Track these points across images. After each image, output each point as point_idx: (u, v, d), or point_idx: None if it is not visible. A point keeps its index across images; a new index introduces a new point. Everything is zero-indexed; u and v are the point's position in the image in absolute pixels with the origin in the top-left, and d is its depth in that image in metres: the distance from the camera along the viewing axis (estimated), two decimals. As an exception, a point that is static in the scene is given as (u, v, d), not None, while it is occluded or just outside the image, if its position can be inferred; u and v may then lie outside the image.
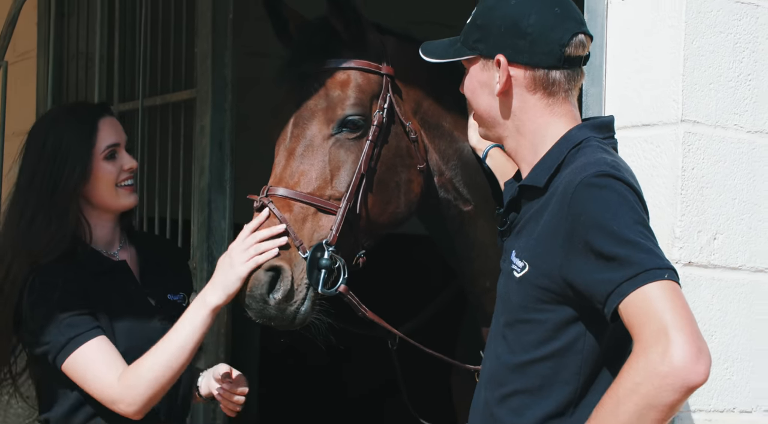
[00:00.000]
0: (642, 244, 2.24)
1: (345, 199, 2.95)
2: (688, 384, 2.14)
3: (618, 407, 2.19)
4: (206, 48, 4.44)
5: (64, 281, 2.99)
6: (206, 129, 4.42)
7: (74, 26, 5.28)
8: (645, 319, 2.18)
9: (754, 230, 2.87)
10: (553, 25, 2.47)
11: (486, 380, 2.56)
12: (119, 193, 3.13)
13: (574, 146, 2.44)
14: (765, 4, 2.93)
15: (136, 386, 2.91)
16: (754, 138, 2.88)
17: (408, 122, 3.10)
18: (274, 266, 2.85)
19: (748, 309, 2.85)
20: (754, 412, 2.85)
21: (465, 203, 3.25)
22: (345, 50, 3.08)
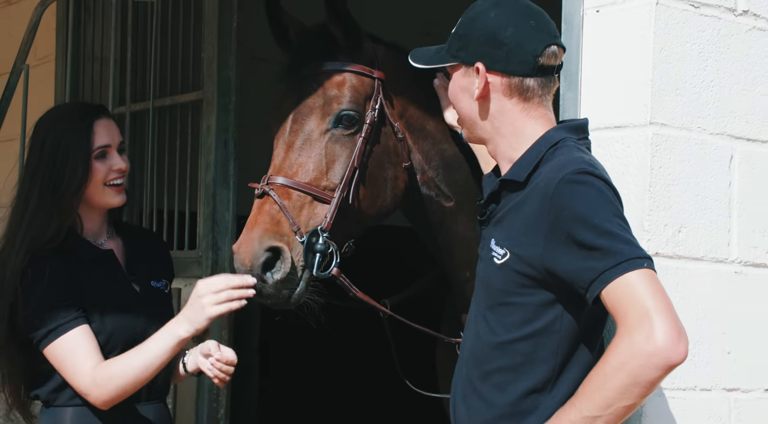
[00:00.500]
0: (621, 235, 2.25)
1: (339, 190, 2.93)
2: (670, 363, 2.16)
3: (605, 383, 2.20)
4: (212, 53, 4.45)
5: (52, 271, 2.97)
6: (212, 128, 4.43)
7: (90, 32, 5.26)
8: (628, 304, 2.19)
9: (715, 223, 2.86)
10: (528, 37, 2.48)
11: (467, 357, 2.56)
12: (106, 192, 3.09)
13: (552, 146, 2.45)
14: (726, 17, 2.91)
15: (104, 385, 2.92)
16: (715, 139, 2.87)
17: (396, 123, 3.09)
18: (273, 246, 2.82)
19: (709, 296, 2.83)
20: (713, 390, 2.84)
21: (446, 200, 3.22)
22: (341, 55, 3.07)
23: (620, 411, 2.21)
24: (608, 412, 2.20)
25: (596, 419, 2.21)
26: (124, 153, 3.16)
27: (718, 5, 2.88)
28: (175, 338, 2.90)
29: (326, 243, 2.86)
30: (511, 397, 2.40)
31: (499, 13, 2.48)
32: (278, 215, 2.87)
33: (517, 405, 2.40)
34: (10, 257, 3.02)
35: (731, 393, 2.86)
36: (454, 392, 2.59)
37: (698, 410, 2.79)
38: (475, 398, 2.47)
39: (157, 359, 2.92)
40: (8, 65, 5.80)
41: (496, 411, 2.42)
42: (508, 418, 2.41)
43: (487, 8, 2.51)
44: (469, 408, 2.49)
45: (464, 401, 2.51)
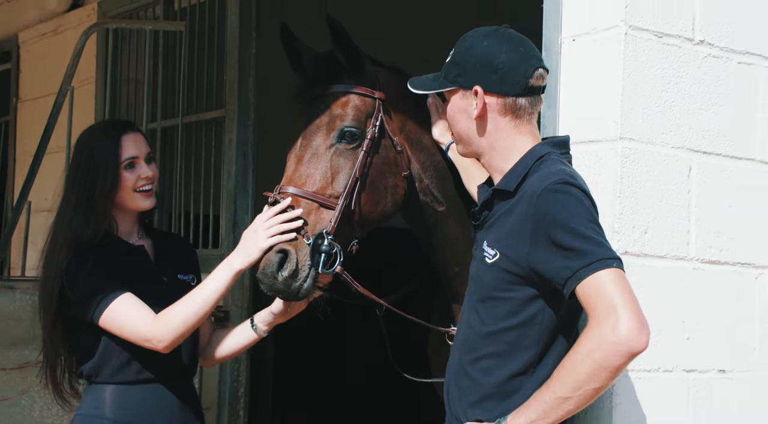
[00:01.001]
0: (595, 238, 2.26)
1: (342, 198, 2.93)
2: (632, 351, 2.18)
3: (575, 368, 2.21)
4: (233, 76, 4.46)
5: (94, 259, 3.00)
6: (233, 142, 4.44)
7: (126, 58, 5.28)
8: (598, 299, 2.20)
9: (676, 226, 2.87)
10: (519, 62, 2.49)
11: (460, 345, 2.56)
12: (136, 197, 3.11)
13: (538, 159, 2.46)
14: (685, 46, 2.93)
15: (167, 325, 2.91)
16: (676, 152, 2.88)
17: (395, 137, 3.08)
18: (283, 249, 2.84)
19: (671, 289, 2.85)
20: (674, 371, 2.85)
21: (439, 205, 3.23)
22: (346, 78, 3.07)
23: (589, 393, 2.23)
24: (578, 393, 2.22)
25: (568, 399, 2.23)
26: (152, 162, 3.17)
27: (678, 35, 2.89)
28: (232, 271, 2.89)
29: (331, 244, 2.86)
30: (498, 379, 2.42)
31: (492, 42, 2.49)
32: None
33: (503, 386, 2.41)
34: (53, 255, 3.05)
35: (690, 374, 2.87)
36: (448, 376, 2.60)
37: (662, 389, 2.80)
38: (466, 381, 2.48)
39: (213, 293, 2.91)
40: (55, 86, 5.87)
41: (484, 391, 2.44)
42: (495, 397, 2.42)
43: (480, 38, 2.52)
44: (461, 389, 2.50)
45: (456, 383, 2.53)
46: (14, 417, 4.07)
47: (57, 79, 5.85)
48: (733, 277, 3.00)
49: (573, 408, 2.24)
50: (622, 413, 2.71)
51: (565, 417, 2.27)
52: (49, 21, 6.20)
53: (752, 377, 3.03)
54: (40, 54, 6.34)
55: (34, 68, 6.44)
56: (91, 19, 5.69)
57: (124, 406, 3.02)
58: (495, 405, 2.42)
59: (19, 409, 4.07)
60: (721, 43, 3.00)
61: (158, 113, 4.90)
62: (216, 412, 4.36)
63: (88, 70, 5.40)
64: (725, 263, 2.98)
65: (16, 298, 4.05)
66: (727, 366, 2.97)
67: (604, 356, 2.18)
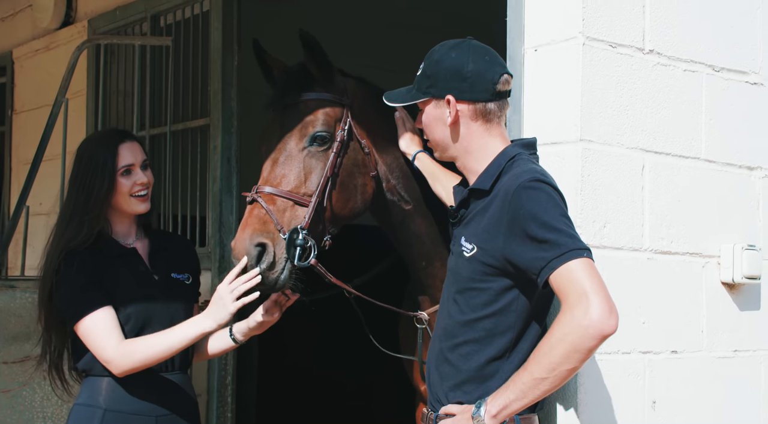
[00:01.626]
0: (566, 231, 2.24)
1: (315, 196, 2.91)
2: (603, 333, 2.15)
3: (551, 351, 2.18)
4: (217, 87, 4.40)
5: (80, 262, 2.93)
6: (218, 148, 4.38)
7: (114, 71, 5.17)
8: (570, 286, 2.18)
9: (632, 220, 2.85)
10: (486, 70, 2.46)
11: (440, 333, 2.52)
12: (132, 202, 3.03)
13: (510, 159, 2.43)
14: (637, 55, 2.91)
15: (126, 357, 2.86)
16: (631, 153, 2.86)
17: (363, 140, 3.06)
18: (261, 242, 2.81)
19: (628, 277, 2.83)
20: (632, 353, 2.84)
21: (406, 203, 3.19)
22: (316, 87, 3.05)
23: (564, 373, 2.20)
24: (553, 374, 2.19)
25: (544, 380, 2.20)
26: (147, 169, 3.10)
27: (630, 45, 2.87)
28: (200, 330, 2.86)
29: (305, 239, 2.83)
30: (476, 364, 2.39)
31: (458, 53, 2.46)
32: (265, 217, 2.84)
33: (481, 370, 2.38)
34: (50, 254, 2.98)
35: (646, 355, 2.85)
36: (429, 362, 2.55)
37: (621, 369, 2.78)
38: (446, 366, 2.44)
39: (179, 343, 2.87)
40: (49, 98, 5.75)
41: (464, 375, 2.40)
42: (474, 381, 2.39)
43: (447, 51, 2.49)
44: (441, 374, 2.46)
45: (437, 369, 2.48)
46: (16, 408, 3.98)
47: (49, 92, 5.76)
48: (683, 266, 2.99)
49: (549, 388, 2.21)
50: (586, 392, 2.69)
51: (541, 397, 2.24)
52: (41, 38, 6.08)
53: (700, 357, 3.02)
54: (34, 69, 6.23)
55: (28, 82, 6.32)
56: (82, 35, 5.58)
57: (119, 396, 2.94)
58: (474, 388, 2.38)
59: (20, 400, 3.99)
60: (668, 53, 2.99)
61: (146, 122, 4.80)
62: (205, 399, 4.29)
63: (78, 83, 5.29)
64: (675, 253, 2.96)
65: (17, 296, 3.97)
66: (678, 347, 2.95)
67: (577, 338, 2.15)
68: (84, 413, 2.95)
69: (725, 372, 3.08)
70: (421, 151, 3.07)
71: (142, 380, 2.95)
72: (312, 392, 6.80)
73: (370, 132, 3.11)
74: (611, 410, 2.75)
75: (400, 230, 3.22)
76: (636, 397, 2.82)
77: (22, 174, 6.19)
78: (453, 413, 2.39)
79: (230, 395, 4.27)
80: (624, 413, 2.78)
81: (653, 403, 2.86)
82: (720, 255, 3.07)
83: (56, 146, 4.52)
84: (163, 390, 3.00)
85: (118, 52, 5.16)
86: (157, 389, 2.98)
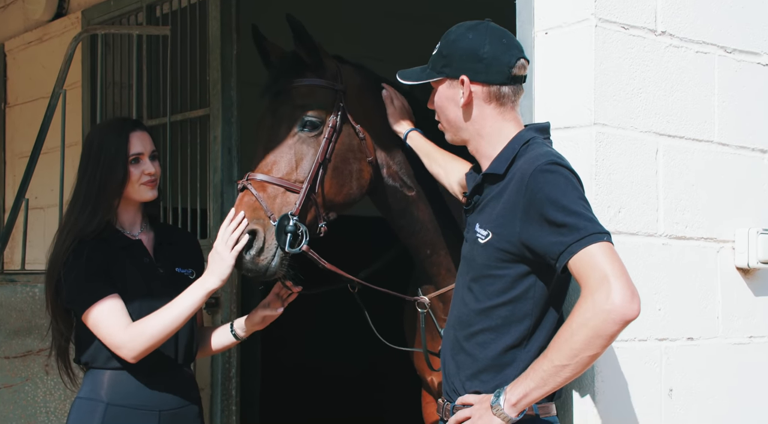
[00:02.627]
0: (584, 214, 2.20)
1: (306, 182, 2.88)
2: (626, 318, 2.11)
3: (572, 337, 2.14)
4: (216, 76, 4.33)
5: (89, 252, 2.89)
6: (218, 138, 4.31)
7: (110, 63, 5.09)
8: (590, 271, 2.13)
9: (646, 204, 2.82)
10: (502, 52, 2.41)
11: (455, 322, 2.48)
12: (141, 189, 3.00)
13: (525, 143, 2.39)
14: (649, 37, 2.87)
15: (138, 337, 2.81)
16: (644, 136, 2.83)
17: (357, 125, 3.02)
18: (252, 229, 2.80)
19: (644, 262, 2.80)
20: (648, 340, 2.81)
21: (409, 190, 3.15)
22: (308, 73, 3.02)
23: (585, 360, 2.16)
24: (575, 361, 2.15)
25: (565, 367, 2.16)
26: (155, 160, 3.07)
27: (643, 27, 2.84)
28: (205, 290, 2.81)
29: (296, 225, 2.80)
30: (493, 352, 2.35)
31: (476, 35, 2.42)
32: (255, 204, 2.83)
33: (498, 359, 2.34)
34: (61, 243, 2.94)
35: (662, 342, 2.82)
36: (444, 351, 2.52)
37: (638, 356, 2.75)
38: (463, 355, 2.40)
39: (188, 309, 2.81)
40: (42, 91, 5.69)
41: (480, 364, 2.36)
42: (491, 370, 2.35)
43: (464, 32, 2.45)
44: (458, 363, 2.42)
45: (453, 359, 2.44)
46: (19, 403, 3.93)
47: (43, 85, 5.70)
48: (698, 251, 2.96)
49: (570, 375, 2.17)
50: (603, 381, 2.66)
51: (561, 384, 2.21)
52: (34, 30, 6.01)
53: (716, 344, 3.00)
54: (27, 61, 6.15)
55: (20, 75, 6.25)
56: (75, 27, 5.51)
57: (120, 390, 2.90)
58: (491, 377, 2.35)
59: (23, 395, 3.94)
60: (680, 34, 2.95)
61: (144, 113, 4.74)
62: (209, 393, 4.24)
63: (73, 75, 5.21)
64: (690, 239, 2.93)
65: (18, 290, 3.91)
66: (694, 334, 2.92)
67: (599, 323, 2.11)
68: (86, 406, 2.91)
69: (740, 359, 3.05)
70: (412, 130, 3.04)
71: (145, 374, 2.91)
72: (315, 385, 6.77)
73: (367, 117, 3.08)
74: (628, 398, 2.72)
75: (403, 217, 3.18)
76: (653, 385, 2.79)
77: (17, 167, 6.13)
78: (470, 403, 2.35)
79: (234, 388, 4.22)
80: (641, 401, 2.75)
81: (670, 391, 2.83)
82: (734, 240, 3.04)
83: (51, 139, 4.45)
84: (167, 385, 2.96)
85: (114, 43, 5.09)
86: (160, 384, 2.94)
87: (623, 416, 2.71)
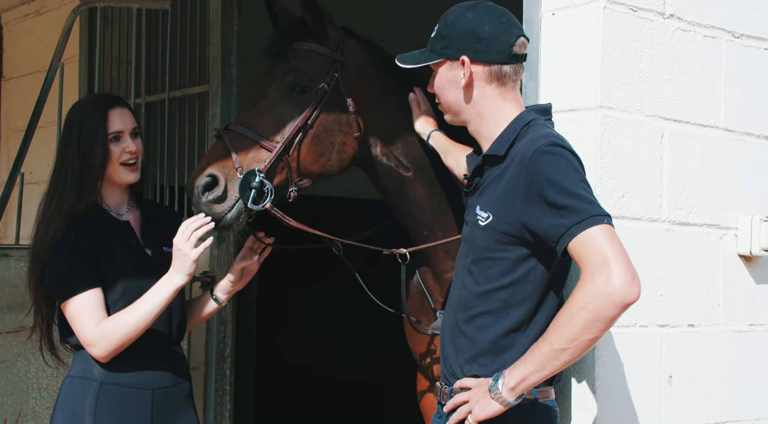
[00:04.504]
0: (585, 196, 2.18)
1: (281, 143, 2.88)
2: (625, 301, 2.09)
3: (571, 320, 2.12)
4: (216, 53, 4.28)
5: (75, 239, 2.84)
6: (217, 115, 4.26)
7: (108, 37, 5.04)
8: (591, 253, 2.11)
9: (650, 189, 2.80)
10: (502, 31, 2.39)
11: (454, 305, 2.46)
12: (121, 171, 2.94)
13: (525, 124, 2.36)
14: (657, 20, 2.84)
15: (108, 337, 2.78)
16: (650, 120, 2.81)
17: (349, 99, 3.00)
18: (212, 174, 2.80)
19: (647, 247, 2.78)
20: (649, 326, 2.80)
21: (405, 170, 3.13)
22: (310, 39, 3.02)
23: (584, 344, 2.14)
24: (574, 344, 2.14)
25: (564, 350, 2.15)
26: (137, 137, 3.01)
27: (651, 9, 2.81)
28: (173, 287, 2.79)
29: (262, 182, 2.80)
30: (492, 336, 2.33)
31: (475, 14, 2.40)
32: (226, 153, 2.84)
33: (497, 343, 2.33)
34: (43, 227, 2.89)
35: (663, 328, 2.81)
36: (443, 335, 2.50)
37: (638, 342, 2.74)
38: (462, 338, 2.39)
39: (156, 306, 2.79)
40: (39, 65, 5.64)
41: (479, 348, 2.35)
42: (490, 353, 2.34)
43: (463, 12, 2.42)
44: (456, 347, 2.41)
45: (452, 342, 2.43)
46: (11, 379, 3.91)
47: (40, 59, 5.65)
48: (701, 238, 2.94)
49: (568, 359, 2.16)
50: (604, 366, 2.65)
51: (560, 368, 2.19)
52: (31, 2, 5.95)
53: (717, 331, 2.99)
54: (24, 34, 6.09)
55: (17, 48, 6.19)
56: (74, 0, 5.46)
57: (114, 369, 2.86)
58: (490, 361, 2.33)
59: (15, 371, 3.92)
60: (688, 17, 2.92)
61: (142, 89, 4.70)
62: (203, 371, 4.23)
63: (71, 49, 5.16)
64: (693, 225, 2.91)
65: (11, 265, 3.89)
66: (695, 321, 2.91)
67: (598, 307, 2.09)
68: (78, 385, 2.88)
69: (741, 346, 3.04)
70: (435, 130, 3.03)
71: (138, 352, 2.87)
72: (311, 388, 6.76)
73: (364, 94, 3.07)
74: (628, 384, 2.71)
75: (399, 196, 3.17)
76: (653, 371, 2.78)
77: (12, 142, 6.09)
78: (468, 387, 2.34)
79: (229, 368, 4.21)
80: (640, 387, 2.74)
81: (670, 377, 2.82)
82: (737, 227, 3.03)
83: (48, 113, 4.41)
84: (160, 363, 2.94)
85: (113, 17, 5.04)
86: (153, 362, 2.92)
87: (622, 401, 2.70)
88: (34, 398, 3.96)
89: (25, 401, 3.93)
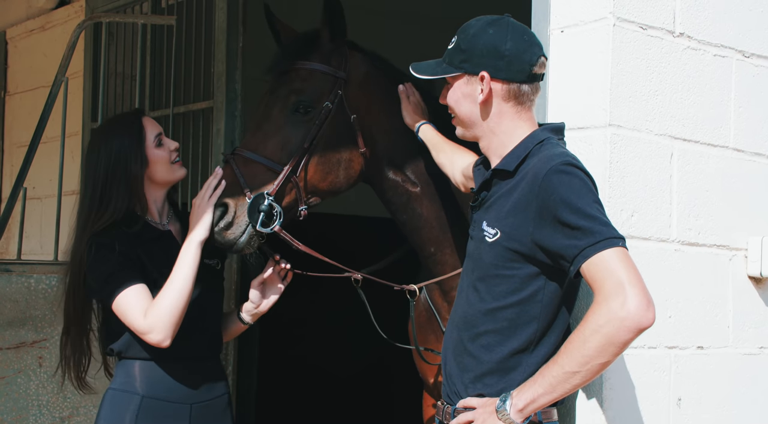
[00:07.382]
0: (600, 218, 2.15)
1: (289, 164, 2.88)
2: (640, 326, 2.07)
3: (584, 343, 2.09)
4: (221, 69, 4.30)
5: (118, 243, 2.84)
6: (221, 131, 4.28)
7: (113, 53, 5.05)
8: (605, 276, 2.08)
9: (659, 209, 2.77)
10: (524, 50, 2.36)
11: (458, 322, 2.43)
12: (173, 169, 3.01)
13: (538, 143, 2.34)
14: (667, 38, 2.83)
15: (161, 317, 2.75)
16: (659, 139, 2.78)
17: (353, 115, 3.00)
18: (223, 202, 2.83)
19: (655, 269, 2.75)
20: (658, 348, 2.76)
21: (412, 185, 3.12)
22: (312, 56, 3.02)
23: (596, 367, 2.12)
24: (586, 368, 2.11)
25: (575, 374, 2.12)
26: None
27: (661, 28, 2.80)
28: (196, 243, 2.80)
29: (271, 205, 2.80)
30: (498, 356, 2.30)
31: (497, 30, 2.37)
32: (233, 179, 2.84)
33: (503, 363, 2.30)
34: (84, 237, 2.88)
35: (672, 350, 2.78)
36: (446, 352, 2.47)
37: (647, 364, 2.71)
38: (467, 357, 2.36)
39: (189, 267, 2.78)
40: (43, 80, 5.65)
41: (485, 367, 2.32)
42: (496, 373, 2.30)
43: (484, 26, 2.39)
44: (460, 365, 2.38)
45: (455, 360, 2.40)
46: (11, 395, 3.88)
47: (44, 74, 5.66)
48: (710, 258, 2.91)
49: (579, 382, 2.13)
50: (612, 388, 2.61)
51: (570, 391, 2.16)
52: (37, 18, 5.98)
53: (727, 353, 2.95)
54: (28, 50, 6.12)
55: (21, 63, 6.22)
56: (79, 15, 5.47)
57: (154, 382, 2.87)
58: (496, 381, 2.31)
59: (15, 387, 3.89)
60: (698, 36, 2.91)
61: (147, 105, 4.69)
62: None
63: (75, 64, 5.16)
64: (703, 245, 2.88)
65: (13, 280, 3.86)
66: (704, 343, 2.88)
67: (613, 331, 2.06)
68: (121, 398, 2.89)
69: (751, 369, 3.00)
70: (425, 123, 3.01)
71: (176, 365, 2.89)
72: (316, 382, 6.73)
73: (369, 108, 3.07)
74: (636, 406, 2.68)
75: (405, 212, 3.16)
76: (661, 393, 2.75)
77: (15, 157, 6.09)
78: (473, 406, 2.31)
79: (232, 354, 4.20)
80: (649, 410, 2.71)
81: (678, 400, 2.78)
82: (747, 248, 3.00)
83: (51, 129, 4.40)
84: (197, 377, 2.94)
85: (118, 33, 5.05)
86: (190, 375, 2.92)
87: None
88: (34, 415, 3.92)
89: (25, 418, 3.90)
